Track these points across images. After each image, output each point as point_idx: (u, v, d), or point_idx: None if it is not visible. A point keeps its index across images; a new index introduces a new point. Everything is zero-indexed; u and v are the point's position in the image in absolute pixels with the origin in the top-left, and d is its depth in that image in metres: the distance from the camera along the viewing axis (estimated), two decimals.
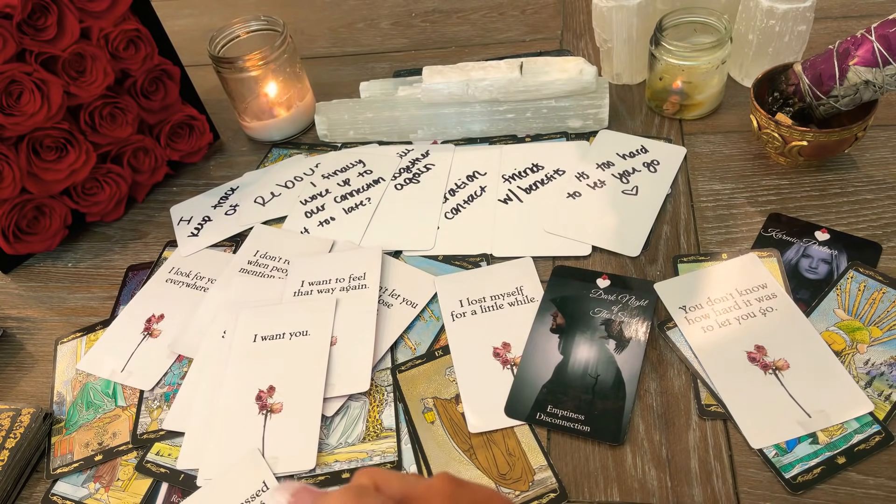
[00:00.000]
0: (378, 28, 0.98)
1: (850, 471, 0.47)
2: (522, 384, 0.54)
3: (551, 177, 0.71)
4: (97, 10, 0.68)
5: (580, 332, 0.57)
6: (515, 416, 0.53)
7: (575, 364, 0.55)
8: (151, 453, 0.56)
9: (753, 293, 0.57)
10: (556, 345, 0.56)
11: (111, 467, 0.56)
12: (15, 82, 0.63)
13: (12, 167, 0.66)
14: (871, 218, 0.61)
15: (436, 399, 0.55)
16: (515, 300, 0.60)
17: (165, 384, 0.60)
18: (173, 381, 0.60)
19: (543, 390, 0.54)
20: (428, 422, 0.54)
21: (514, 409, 0.53)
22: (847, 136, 0.61)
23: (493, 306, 0.60)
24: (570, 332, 0.57)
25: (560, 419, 0.52)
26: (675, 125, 0.74)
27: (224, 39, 0.79)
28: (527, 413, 0.53)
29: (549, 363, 0.55)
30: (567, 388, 0.54)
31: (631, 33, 0.74)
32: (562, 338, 0.57)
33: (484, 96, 0.73)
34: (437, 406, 0.55)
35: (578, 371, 0.55)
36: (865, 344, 0.53)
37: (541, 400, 0.53)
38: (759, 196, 0.65)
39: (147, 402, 0.59)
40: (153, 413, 0.58)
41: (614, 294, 0.59)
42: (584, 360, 0.55)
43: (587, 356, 0.55)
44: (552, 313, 0.59)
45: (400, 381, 0.57)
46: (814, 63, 0.62)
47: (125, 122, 0.72)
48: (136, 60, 0.71)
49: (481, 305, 0.60)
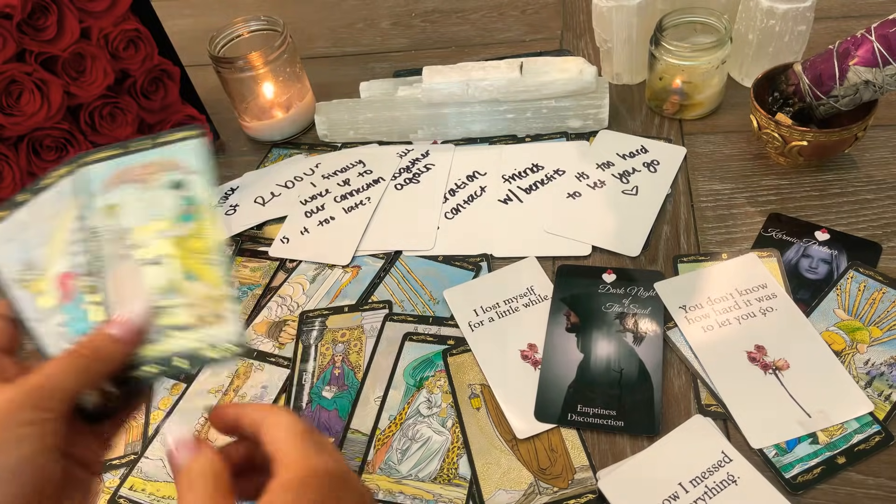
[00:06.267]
0: (378, 28, 0.98)
1: (850, 471, 0.47)
2: (547, 387, 0.54)
3: (551, 177, 0.71)
4: (97, 10, 0.68)
5: (596, 329, 0.57)
6: (546, 420, 0.53)
7: (597, 361, 0.55)
8: (124, 487, 0.54)
9: (753, 293, 0.57)
10: (575, 344, 0.56)
11: None
12: (15, 82, 0.63)
13: (12, 167, 0.66)
14: (871, 218, 0.61)
15: (483, 386, 0.55)
16: (529, 300, 0.60)
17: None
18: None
19: (570, 390, 0.54)
20: (474, 407, 0.54)
21: (543, 412, 0.53)
22: (847, 136, 0.61)
23: (509, 310, 0.60)
24: (586, 330, 0.57)
25: (592, 417, 0.52)
26: (675, 125, 0.74)
27: (224, 39, 0.79)
28: (557, 415, 0.53)
29: (570, 363, 0.55)
30: (593, 385, 0.54)
31: (631, 33, 0.74)
32: (579, 336, 0.57)
33: (484, 96, 0.73)
34: (485, 393, 0.55)
35: (601, 367, 0.55)
36: (865, 344, 0.53)
37: (569, 401, 0.53)
38: (759, 196, 0.65)
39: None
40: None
41: (622, 287, 0.59)
42: (606, 355, 0.55)
43: (608, 351, 0.55)
44: (565, 313, 0.59)
45: (449, 365, 0.57)
46: (814, 63, 0.62)
47: (125, 122, 0.72)
48: (136, 60, 0.71)
49: (497, 311, 0.60)
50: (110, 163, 0.39)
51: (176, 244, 0.37)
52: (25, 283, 0.37)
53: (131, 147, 0.39)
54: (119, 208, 0.37)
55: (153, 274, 0.36)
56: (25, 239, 0.38)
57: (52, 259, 0.37)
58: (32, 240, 0.38)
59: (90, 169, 0.39)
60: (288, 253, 0.69)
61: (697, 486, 0.47)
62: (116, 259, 0.37)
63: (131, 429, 0.58)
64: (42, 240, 0.38)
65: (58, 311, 0.37)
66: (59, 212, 0.38)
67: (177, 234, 0.37)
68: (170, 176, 0.38)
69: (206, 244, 0.36)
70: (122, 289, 0.36)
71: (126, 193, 0.38)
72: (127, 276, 0.36)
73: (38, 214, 0.38)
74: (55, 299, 0.37)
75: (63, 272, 0.37)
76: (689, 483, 0.47)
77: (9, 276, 0.37)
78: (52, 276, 0.37)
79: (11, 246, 0.38)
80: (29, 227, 0.38)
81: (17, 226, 0.38)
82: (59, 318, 0.36)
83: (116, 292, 0.36)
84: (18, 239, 0.38)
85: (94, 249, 0.37)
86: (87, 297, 0.37)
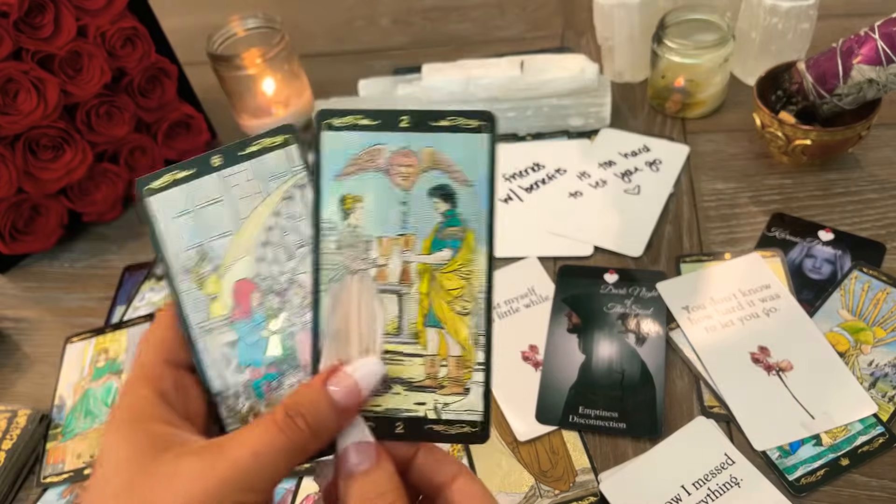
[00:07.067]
0: (377, 25, 0.97)
1: (854, 473, 0.47)
2: (548, 389, 0.54)
3: (552, 176, 0.70)
4: (94, 7, 0.67)
5: (598, 330, 0.57)
6: (548, 422, 0.52)
7: (598, 362, 0.55)
8: None
9: (757, 293, 0.56)
10: (577, 345, 0.56)
11: None
12: (11, 81, 0.63)
13: (8, 166, 0.65)
14: (875, 217, 0.61)
15: None
16: (530, 301, 0.60)
17: None
18: None
19: (572, 392, 0.53)
20: None
21: (545, 414, 0.53)
22: (851, 134, 0.61)
23: (510, 310, 0.59)
24: (587, 331, 0.57)
25: (594, 419, 0.52)
26: (678, 124, 0.73)
27: (222, 37, 0.78)
28: (558, 417, 0.52)
29: (572, 364, 0.55)
30: (595, 387, 0.53)
31: (633, 31, 0.74)
32: (580, 337, 0.56)
33: (484, 94, 0.72)
34: None
35: (603, 369, 0.54)
36: (869, 345, 0.52)
37: (571, 402, 0.53)
38: (763, 195, 0.65)
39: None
40: None
41: (624, 287, 0.59)
42: (607, 356, 0.55)
43: (609, 353, 0.55)
44: (566, 314, 0.58)
45: None
46: (817, 61, 0.62)
47: (122, 121, 0.72)
48: (133, 58, 0.71)
49: (497, 312, 0.60)
50: (360, 135, 0.27)
51: (423, 274, 0.27)
52: (198, 277, 0.28)
53: (392, 120, 0.27)
54: (360, 205, 0.27)
55: (387, 306, 0.27)
56: (207, 219, 0.28)
57: (235, 256, 0.28)
58: (216, 222, 0.28)
59: (328, 137, 0.27)
60: None
61: (700, 489, 0.47)
62: (343, 275, 0.27)
63: None
64: (228, 226, 0.28)
65: (227, 328, 0.28)
66: (260, 193, 0.28)
67: (426, 262, 0.27)
68: (434, 176, 0.28)
69: (463, 286, 0.27)
70: (343, 320, 0.27)
71: (368, 186, 0.27)
72: (354, 304, 0.27)
73: (231, 189, 0.28)
74: (227, 309, 0.28)
75: (242, 279, 0.28)
76: (692, 485, 0.47)
77: (177, 262, 0.28)
78: (230, 280, 0.28)
79: (187, 222, 0.28)
80: (216, 203, 0.28)
81: (201, 196, 0.28)
82: (228, 337, 0.28)
83: (335, 323, 0.27)
84: (198, 216, 0.28)
85: (296, 255, 0.27)
86: (269, 322, 0.28)
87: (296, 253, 0.28)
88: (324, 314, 0.27)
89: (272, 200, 0.28)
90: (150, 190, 0.28)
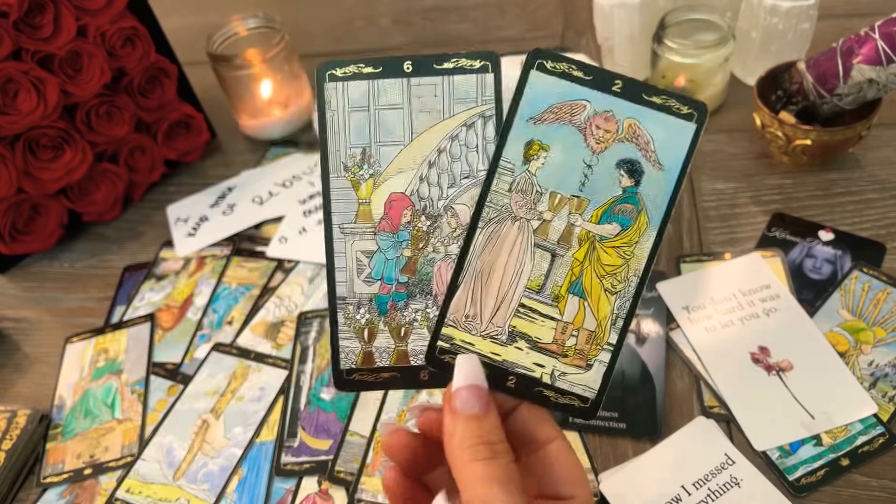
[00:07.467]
0: (377, 25, 0.97)
1: (854, 473, 0.47)
2: None
3: None
4: (94, 7, 0.67)
5: None
6: None
7: None
8: (121, 490, 0.54)
9: (757, 293, 0.56)
10: None
11: (90, 495, 0.54)
12: (11, 81, 0.63)
13: (8, 166, 0.65)
14: (875, 217, 0.61)
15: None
16: None
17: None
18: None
19: None
20: None
21: None
22: (851, 134, 0.61)
23: None
24: None
25: (594, 419, 0.51)
26: None
27: (221, 37, 0.78)
28: (558, 418, 0.52)
29: None
30: None
31: (633, 31, 0.74)
32: None
33: None
34: None
35: None
36: (869, 345, 0.52)
37: None
38: (763, 195, 0.65)
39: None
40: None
41: None
42: None
43: None
44: None
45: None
46: (817, 61, 0.62)
47: (122, 121, 0.72)
48: (133, 58, 0.71)
49: None
50: (569, 86, 0.27)
51: (584, 242, 0.27)
52: (354, 177, 0.27)
53: (606, 80, 0.26)
54: (545, 154, 0.26)
55: (538, 262, 0.26)
56: (381, 122, 0.27)
57: (399, 168, 0.27)
58: (389, 128, 0.27)
59: (536, 77, 0.27)
60: (286, 253, 0.69)
61: (700, 489, 0.47)
62: (505, 218, 0.26)
63: (128, 431, 0.57)
64: (400, 136, 0.27)
65: (370, 236, 0.27)
66: (441, 112, 0.27)
67: (592, 231, 0.26)
68: (627, 148, 0.27)
69: (619, 265, 0.27)
70: (491, 262, 0.26)
71: (559, 138, 0.26)
72: (506, 250, 0.26)
73: (414, 100, 0.27)
74: (375, 219, 0.27)
75: (399, 192, 0.27)
76: (692, 485, 0.47)
77: (337, 156, 0.27)
78: (385, 190, 0.27)
79: (359, 120, 0.27)
80: (395, 109, 0.27)
81: (382, 98, 0.27)
82: (368, 246, 0.27)
83: (482, 263, 0.26)
84: (373, 116, 0.27)
85: (459, 185, 0.26)
86: (413, 242, 0.27)
87: (459, 182, 0.27)
88: (474, 250, 0.26)
89: (451, 123, 0.27)
90: (332, 76, 0.28)
